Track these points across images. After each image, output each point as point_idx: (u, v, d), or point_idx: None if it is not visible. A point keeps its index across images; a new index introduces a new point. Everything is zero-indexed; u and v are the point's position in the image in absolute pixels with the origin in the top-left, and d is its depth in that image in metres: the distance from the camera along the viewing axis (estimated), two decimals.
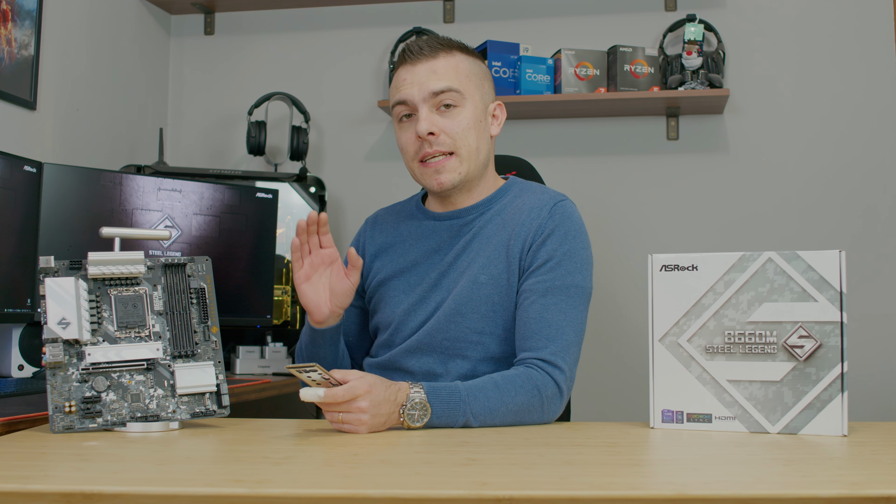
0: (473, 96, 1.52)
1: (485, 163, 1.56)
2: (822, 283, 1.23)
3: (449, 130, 1.49)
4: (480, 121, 1.53)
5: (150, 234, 1.38)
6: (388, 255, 1.61)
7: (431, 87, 1.48)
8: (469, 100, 1.51)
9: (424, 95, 1.48)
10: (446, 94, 1.48)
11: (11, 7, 2.27)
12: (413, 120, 1.51)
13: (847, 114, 2.82)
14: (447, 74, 1.49)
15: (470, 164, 1.52)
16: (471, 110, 1.51)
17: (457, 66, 1.51)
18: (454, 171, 1.51)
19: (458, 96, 1.49)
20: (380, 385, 1.25)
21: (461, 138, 1.50)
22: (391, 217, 1.67)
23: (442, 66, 1.50)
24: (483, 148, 1.54)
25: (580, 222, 1.53)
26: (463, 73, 1.51)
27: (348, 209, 3.04)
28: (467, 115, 1.50)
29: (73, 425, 1.22)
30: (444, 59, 1.50)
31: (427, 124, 1.48)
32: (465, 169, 1.51)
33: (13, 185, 1.90)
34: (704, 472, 0.99)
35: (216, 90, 3.16)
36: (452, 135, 1.49)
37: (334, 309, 1.49)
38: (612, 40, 2.89)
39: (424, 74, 1.49)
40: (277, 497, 0.85)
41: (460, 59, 1.52)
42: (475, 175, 1.54)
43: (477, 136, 1.52)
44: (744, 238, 2.83)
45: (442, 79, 1.49)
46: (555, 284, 1.46)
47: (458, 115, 1.50)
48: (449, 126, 1.49)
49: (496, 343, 1.50)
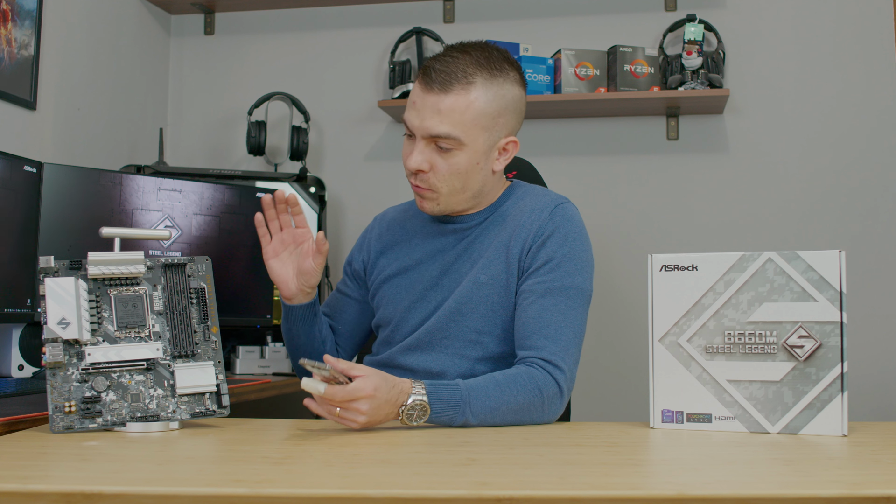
0: (476, 140, 1.45)
1: (475, 194, 1.52)
2: (822, 283, 1.23)
3: (438, 169, 1.47)
4: (478, 163, 1.47)
5: (150, 234, 1.38)
6: (393, 252, 1.63)
7: (429, 129, 1.44)
8: (469, 145, 1.45)
9: (423, 133, 1.45)
10: (443, 139, 1.44)
11: (11, 7, 2.27)
12: (413, 141, 1.49)
13: (847, 114, 2.82)
14: (451, 117, 1.43)
15: (451, 201, 1.51)
16: (468, 156, 1.46)
17: (468, 106, 1.43)
18: (433, 202, 1.51)
19: (456, 143, 1.44)
20: (383, 388, 1.24)
21: (446, 181, 1.48)
22: (399, 215, 1.68)
23: (449, 105, 1.43)
24: (474, 185, 1.50)
25: (581, 225, 1.53)
26: (470, 116, 1.43)
27: (348, 209, 3.04)
28: (462, 160, 1.46)
29: (73, 425, 1.22)
30: (455, 96, 1.43)
31: (416, 163, 1.46)
32: (444, 204, 1.51)
33: (13, 185, 1.90)
34: (704, 472, 0.99)
35: (216, 90, 3.16)
36: (439, 175, 1.47)
37: (301, 287, 1.55)
38: (612, 40, 2.89)
39: (429, 110, 1.44)
40: (277, 497, 0.85)
41: (477, 96, 1.44)
42: (461, 207, 1.54)
43: (466, 179, 1.48)
44: (744, 238, 2.83)
45: (444, 122, 1.43)
46: (554, 286, 1.46)
47: (451, 157, 1.46)
48: (439, 165, 1.46)
49: (495, 343, 1.50)
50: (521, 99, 1.51)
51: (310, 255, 1.52)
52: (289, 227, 1.55)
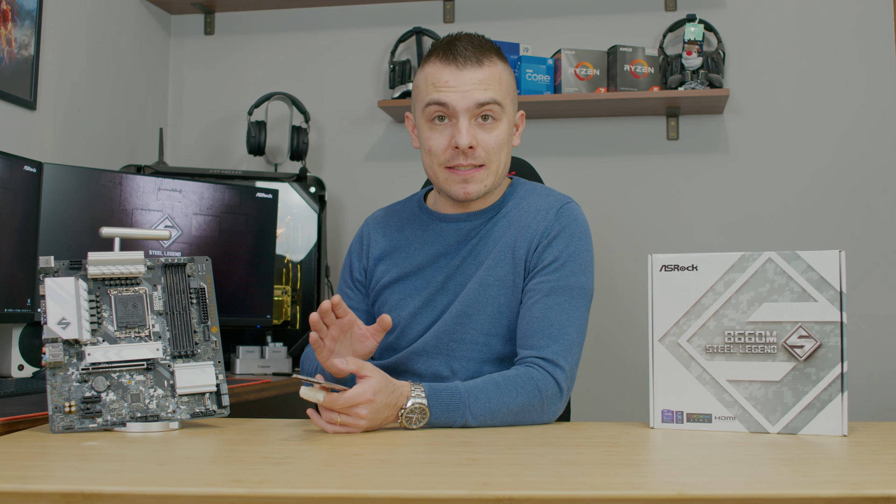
0: (510, 110, 1.50)
1: (505, 174, 1.56)
2: (822, 283, 1.23)
3: (486, 145, 1.47)
4: (511, 134, 1.52)
5: (150, 234, 1.38)
6: (393, 258, 1.60)
7: (478, 98, 1.45)
8: (506, 114, 1.49)
9: (469, 105, 1.45)
10: (490, 106, 1.46)
11: (11, 7, 2.27)
12: (448, 125, 1.47)
13: (847, 114, 2.82)
14: (492, 85, 1.46)
15: (496, 178, 1.51)
16: (506, 125, 1.49)
17: (500, 75, 1.48)
18: (481, 183, 1.50)
19: (500, 110, 1.47)
20: (384, 392, 1.24)
21: (495, 154, 1.49)
22: (393, 219, 1.65)
23: (488, 75, 1.46)
24: (508, 161, 1.54)
25: (585, 225, 1.53)
26: (505, 84, 1.49)
27: (348, 209, 3.04)
28: (503, 129, 1.48)
29: (73, 425, 1.22)
30: (488, 67, 1.47)
31: (469, 138, 1.45)
32: (490, 181, 1.51)
33: (13, 185, 1.90)
34: (704, 472, 0.99)
35: (216, 90, 3.16)
36: (488, 149, 1.47)
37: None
38: (612, 40, 2.89)
39: (471, 83, 1.45)
40: (277, 497, 0.85)
41: (502, 69, 1.49)
42: (497, 186, 1.55)
43: (507, 152, 1.51)
44: (744, 238, 2.83)
45: (488, 89, 1.45)
46: (559, 285, 1.46)
47: (495, 128, 1.47)
48: (486, 140, 1.47)
49: (502, 344, 1.50)
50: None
51: (367, 338, 1.38)
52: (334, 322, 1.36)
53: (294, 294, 2.69)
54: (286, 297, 2.68)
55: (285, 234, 2.69)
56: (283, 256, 2.68)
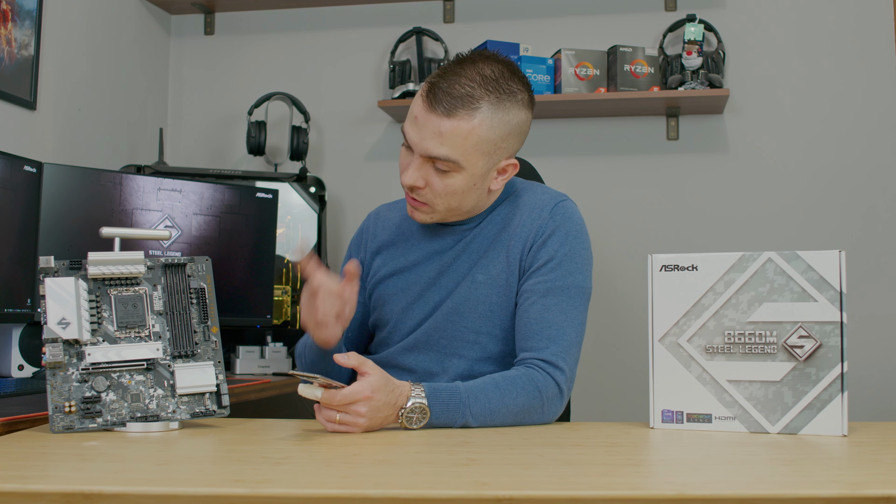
0: (475, 164, 1.42)
1: (470, 210, 1.50)
2: (822, 283, 1.23)
3: (434, 188, 1.43)
4: (475, 184, 1.44)
5: (150, 234, 1.38)
6: (390, 252, 1.61)
7: (428, 150, 1.39)
8: (468, 169, 1.41)
9: (421, 152, 1.41)
10: (442, 162, 1.40)
11: (11, 7, 2.27)
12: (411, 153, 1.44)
13: (847, 114, 2.82)
14: (452, 141, 1.38)
15: (445, 215, 1.49)
16: (465, 178, 1.42)
17: (470, 132, 1.38)
18: (427, 216, 1.49)
19: (455, 166, 1.40)
20: (383, 389, 1.24)
21: (441, 199, 1.45)
22: (394, 214, 1.66)
23: (451, 129, 1.38)
24: (468, 204, 1.47)
25: (581, 222, 1.53)
26: (472, 142, 1.39)
27: (348, 209, 3.04)
28: (458, 181, 1.42)
29: (73, 425, 1.22)
30: (457, 121, 1.37)
31: (412, 179, 1.43)
32: (438, 217, 1.49)
33: (13, 185, 1.90)
34: (704, 472, 0.99)
35: (216, 90, 3.16)
36: (435, 193, 1.44)
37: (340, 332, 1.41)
38: (612, 40, 2.89)
39: (429, 131, 1.39)
40: (277, 497, 0.85)
41: (481, 122, 1.39)
42: (454, 219, 1.52)
43: (462, 198, 1.45)
44: (744, 238, 2.83)
45: (444, 145, 1.38)
46: (556, 285, 1.46)
47: (448, 178, 1.42)
48: (435, 184, 1.43)
49: (494, 343, 1.50)
50: (526, 122, 1.47)
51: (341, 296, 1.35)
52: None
53: (294, 294, 2.69)
54: (286, 297, 2.68)
55: (285, 234, 2.69)
56: (283, 256, 2.68)
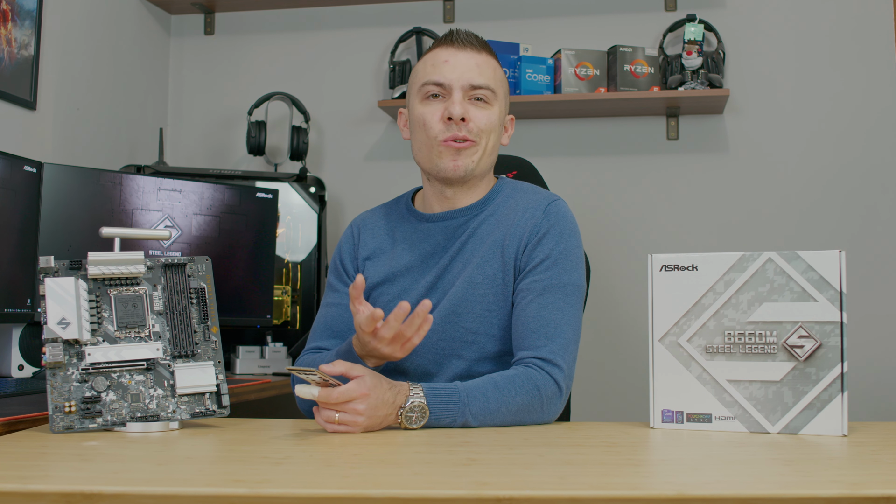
0: (501, 100, 1.56)
1: (491, 165, 1.59)
2: (822, 283, 1.23)
3: (477, 121, 1.52)
4: (501, 124, 1.57)
5: (150, 234, 1.38)
6: (381, 259, 1.60)
7: (473, 79, 1.51)
8: (499, 101, 1.55)
9: (464, 83, 1.51)
10: (483, 90, 1.52)
11: (11, 7, 2.27)
12: (442, 101, 1.52)
13: (847, 113, 2.82)
14: (487, 73, 1.53)
15: (484, 160, 1.55)
16: (497, 112, 1.55)
17: (496, 68, 1.57)
18: (470, 158, 1.53)
19: (492, 95, 1.53)
20: (379, 388, 1.25)
21: (486, 132, 1.53)
22: (381, 220, 1.65)
23: (485, 61, 1.54)
24: (496, 151, 1.58)
25: (573, 222, 1.54)
26: (499, 76, 1.57)
27: (348, 209, 3.04)
28: (495, 114, 1.54)
29: (73, 425, 1.22)
30: (487, 56, 1.55)
31: (462, 109, 1.50)
32: (478, 159, 1.54)
33: (13, 185, 1.90)
34: (704, 472, 0.99)
35: (216, 90, 3.16)
36: (479, 126, 1.52)
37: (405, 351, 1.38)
38: (612, 40, 2.89)
39: (467, 64, 1.52)
40: (277, 497, 0.85)
41: (497, 64, 1.58)
42: (483, 172, 1.57)
43: (497, 137, 1.56)
44: (744, 238, 2.83)
45: (483, 74, 1.52)
46: (551, 283, 1.46)
47: (487, 109, 1.53)
48: (478, 117, 1.52)
49: (491, 343, 1.50)
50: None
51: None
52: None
53: (294, 294, 2.69)
54: (286, 297, 2.68)
55: (285, 234, 2.69)
56: (283, 257, 2.68)
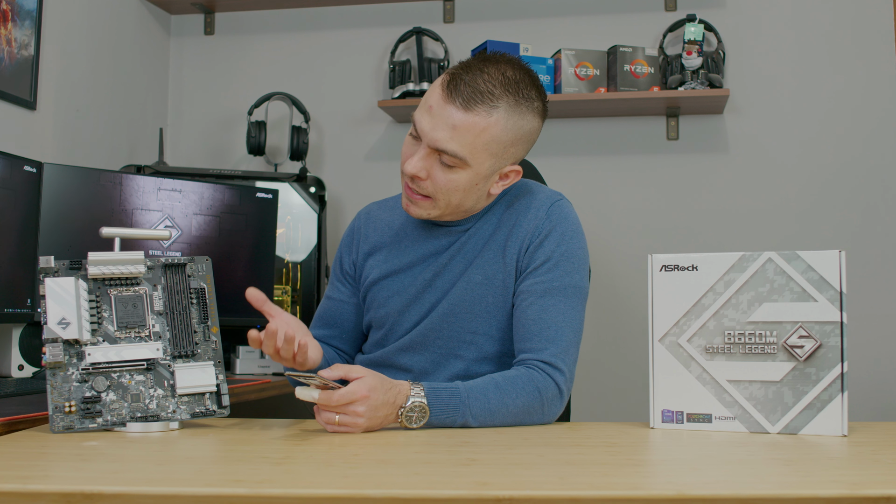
0: (482, 164, 1.41)
1: (466, 210, 1.49)
2: (822, 283, 1.23)
3: (436, 181, 1.42)
4: (477, 184, 1.43)
5: (150, 234, 1.38)
6: (383, 253, 1.59)
7: (440, 143, 1.38)
8: (473, 167, 1.40)
9: (430, 142, 1.39)
10: (449, 156, 1.39)
11: (11, 7, 2.27)
12: (418, 143, 1.43)
13: (847, 113, 2.82)
14: (463, 138, 1.37)
15: (445, 211, 1.47)
16: (469, 176, 1.41)
17: (484, 130, 1.38)
18: (424, 210, 1.46)
19: (461, 162, 1.39)
20: (379, 389, 1.25)
21: (443, 195, 1.43)
22: (385, 214, 1.64)
23: (466, 124, 1.37)
24: (467, 203, 1.46)
25: (577, 222, 1.52)
26: (483, 141, 1.38)
27: (348, 209, 3.04)
28: (462, 178, 1.41)
29: (73, 425, 1.22)
30: (474, 116, 1.37)
31: (415, 168, 1.40)
32: (437, 213, 1.47)
33: (13, 185, 1.90)
34: (704, 472, 0.99)
35: (216, 90, 3.16)
36: (436, 187, 1.42)
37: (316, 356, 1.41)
38: (612, 40, 2.89)
39: (443, 122, 1.37)
40: (277, 497, 0.85)
41: (496, 121, 1.38)
42: (448, 218, 1.50)
43: (463, 196, 1.44)
44: (744, 238, 2.83)
45: (454, 139, 1.37)
46: (553, 285, 1.45)
47: (452, 173, 1.41)
48: (438, 178, 1.41)
49: (490, 343, 1.49)
50: (536, 131, 1.47)
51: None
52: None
53: (294, 294, 2.68)
54: (286, 297, 2.68)
55: (285, 234, 2.68)
56: (283, 257, 2.68)
